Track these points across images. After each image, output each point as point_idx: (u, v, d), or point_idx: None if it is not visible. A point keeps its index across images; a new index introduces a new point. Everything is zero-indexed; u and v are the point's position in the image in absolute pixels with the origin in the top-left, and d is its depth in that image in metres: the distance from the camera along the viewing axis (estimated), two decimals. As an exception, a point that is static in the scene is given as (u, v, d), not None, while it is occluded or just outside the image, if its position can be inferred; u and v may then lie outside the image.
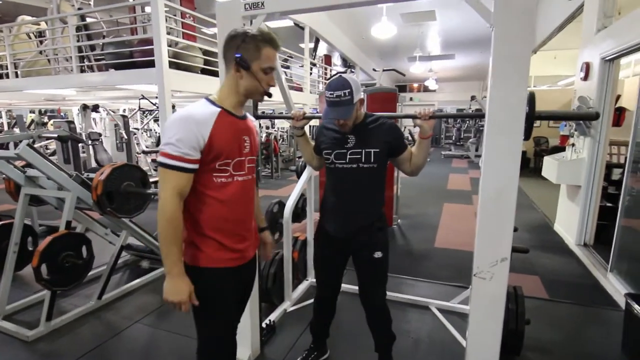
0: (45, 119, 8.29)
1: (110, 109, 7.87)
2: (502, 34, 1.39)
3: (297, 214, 3.30)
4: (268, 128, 9.55)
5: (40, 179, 2.80)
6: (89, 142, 6.11)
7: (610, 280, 3.12)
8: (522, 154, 1.49)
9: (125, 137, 7.11)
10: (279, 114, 8.43)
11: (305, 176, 2.87)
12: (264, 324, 2.40)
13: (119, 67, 4.02)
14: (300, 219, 3.38)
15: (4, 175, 2.84)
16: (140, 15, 4.60)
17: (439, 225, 5.03)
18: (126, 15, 5.33)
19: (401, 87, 18.76)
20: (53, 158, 4.25)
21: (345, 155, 1.76)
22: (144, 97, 5.47)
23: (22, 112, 8.92)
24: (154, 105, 5.79)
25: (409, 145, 1.83)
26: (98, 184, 2.57)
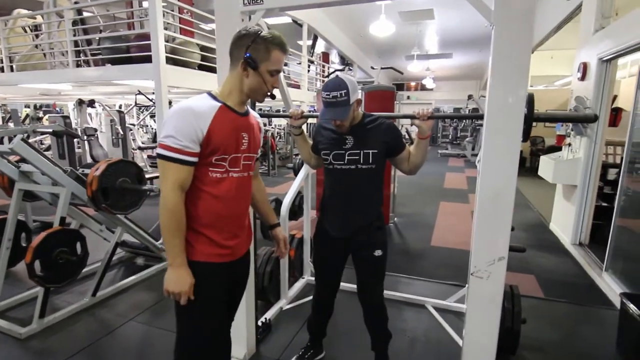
0: (41, 114, 8.21)
1: (106, 105, 7.81)
2: (503, 32, 1.39)
3: (294, 211, 3.30)
4: (265, 125, 9.52)
5: (34, 174, 2.78)
6: (85, 138, 6.06)
7: (605, 280, 3.14)
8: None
9: (121, 133, 7.06)
10: (277, 112, 8.42)
11: (303, 174, 2.86)
12: (259, 322, 2.40)
13: (115, 62, 3.99)
14: (297, 216, 3.38)
15: (-3, 170, 2.80)
16: (138, 10, 4.56)
17: (435, 224, 5.04)
18: (123, 9, 5.30)
19: (399, 86, 18.79)
20: (48, 153, 4.21)
21: (344, 156, 1.75)
22: (140, 93, 5.43)
23: (17, 107, 8.84)
24: (151, 101, 5.75)
25: (407, 145, 1.82)
26: (93, 180, 2.55)
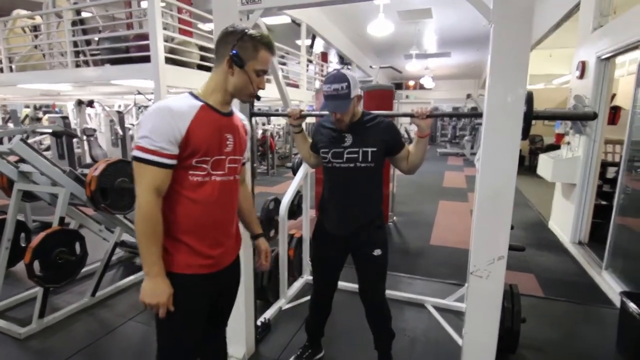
0: (40, 114, 8.21)
1: (105, 105, 7.80)
2: (501, 30, 1.38)
3: (293, 211, 3.29)
4: (264, 125, 9.52)
5: (33, 175, 2.77)
6: (84, 138, 6.06)
7: (605, 278, 3.14)
8: (518, 152, 1.49)
9: (121, 133, 7.07)
10: (275, 111, 8.40)
11: (302, 173, 2.86)
12: (259, 322, 2.40)
13: (114, 62, 3.98)
14: (296, 216, 3.37)
15: (-4, 171, 2.80)
16: (137, 10, 4.56)
17: (434, 223, 5.05)
18: (122, 10, 5.29)
19: (398, 85, 18.76)
20: (47, 153, 4.21)
21: (343, 155, 1.74)
22: (139, 93, 5.42)
23: (17, 107, 8.82)
24: (150, 101, 5.75)
25: (406, 144, 1.82)
26: (92, 180, 2.54)
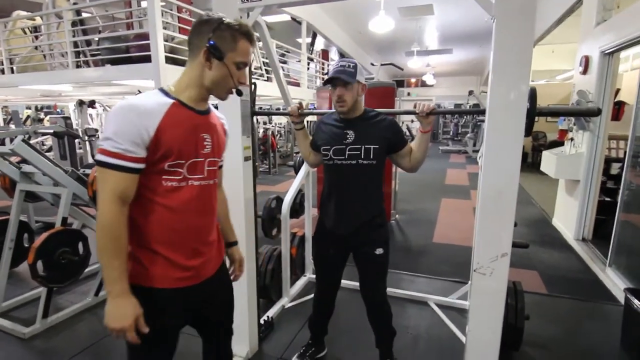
0: (42, 115, 8.25)
1: (106, 105, 7.82)
2: (504, 25, 1.37)
3: (295, 209, 3.30)
4: (265, 124, 9.52)
5: (35, 175, 2.77)
6: (86, 138, 6.07)
7: (609, 275, 3.12)
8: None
9: (122, 133, 7.07)
10: (277, 110, 8.40)
11: (303, 172, 2.86)
12: (262, 321, 2.40)
13: (115, 63, 3.98)
14: (298, 214, 3.37)
15: (-2, 172, 2.81)
16: (136, 10, 4.55)
17: (437, 221, 5.04)
18: (122, 10, 5.29)
19: (399, 82, 18.71)
20: (50, 154, 4.22)
21: (344, 151, 1.73)
22: (140, 93, 5.43)
23: (18, 108, 8.86)
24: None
25: (408, 141, 1.81)
26: (94, 180, 2.55)
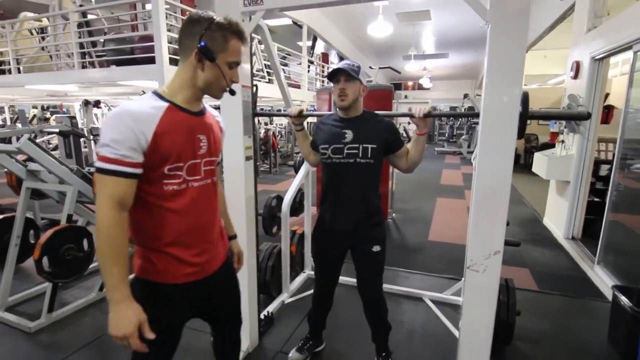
0: (48, 115, 8.26)
1: (111, 105, 7.86)
2: (498, 31, 1.40)
3: (295, 208, 3.36)
4: (267, 124, 9.59)
5: (41, 173, 2.82)
6: (91, 137, 6.12)
7: (597, 273, 3.21)
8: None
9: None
10: (277, 111, 8.48)
11: (303, 171, 2.91)
12: (262, 316, 2.44)
13: (120, 64, 4.04)
14: (298, 213, 3.44)
15: (5, 169, 2.86)
16: (141, 12, 4.61)
17: (432, 220, 5.12)
18: (127, 12, 5.34)
19: (396, 85, 18.79)
20: (55, 153, 4.27)
21: (343, 150, 1.77)
22: (144, 93, 5.48)
23: (25, 108, 8.87)
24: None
25: (404, 143, 1.86)
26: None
